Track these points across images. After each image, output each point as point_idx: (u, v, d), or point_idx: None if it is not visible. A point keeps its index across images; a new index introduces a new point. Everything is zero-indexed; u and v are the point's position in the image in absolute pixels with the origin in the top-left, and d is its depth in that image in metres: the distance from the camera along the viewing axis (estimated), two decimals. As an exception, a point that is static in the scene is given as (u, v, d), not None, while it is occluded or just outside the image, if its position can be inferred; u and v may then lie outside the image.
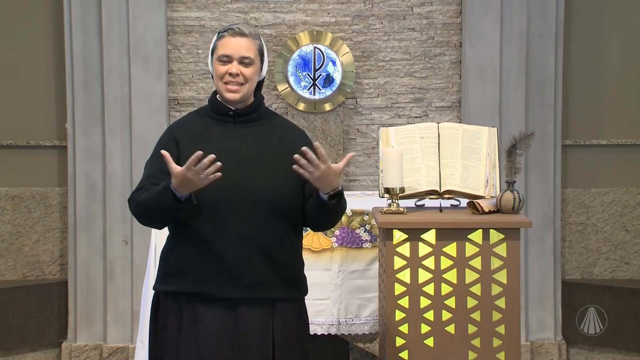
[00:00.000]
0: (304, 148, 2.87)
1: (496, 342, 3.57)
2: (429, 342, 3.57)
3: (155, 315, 3.07)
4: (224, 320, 2.96)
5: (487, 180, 3.74)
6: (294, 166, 2.88)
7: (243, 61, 3.02)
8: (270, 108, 3.26)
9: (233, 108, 3.06)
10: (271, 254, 2.98)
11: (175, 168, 2.84)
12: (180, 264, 2.99)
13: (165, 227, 3.07)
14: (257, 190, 2.96)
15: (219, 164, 2.82)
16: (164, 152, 2.88)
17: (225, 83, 3.03)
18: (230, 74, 3.01)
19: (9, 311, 5.32)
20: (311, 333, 4.04)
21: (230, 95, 3.02)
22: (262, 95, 3.14)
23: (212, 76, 3.10)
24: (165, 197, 2.88)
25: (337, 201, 2.97)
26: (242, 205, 2.94)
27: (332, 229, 4.32)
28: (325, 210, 2.99)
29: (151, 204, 2.94)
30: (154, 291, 3.10)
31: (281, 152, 3.03)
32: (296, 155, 2.88)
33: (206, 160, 2.81)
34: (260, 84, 3.14)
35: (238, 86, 3.02)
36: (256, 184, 2.96)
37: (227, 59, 3.03)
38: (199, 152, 2.81)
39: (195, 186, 2.85)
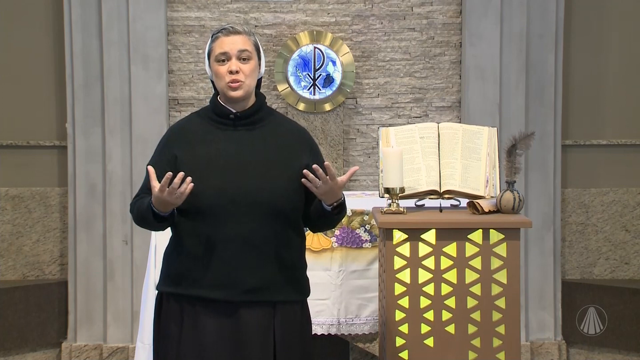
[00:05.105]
0: (316, 166, 2.90)
1: (496, 342, 3.57)
2: (429, 342, 3.57)
3: (158, 316, 3.08)
4: (224, 323, 2.96)
5: (487, 180, 3.74)
6: (302, 180, 2.91)
7: (241, 56, 3.02)
8: (271, 107, 3.25)
9: (234, 111, 3.05)
10: (272, 257, 2.98)
11: (155, 185, 2.87)
12: (181, 266, 3.00)
13: (165, 230, 3.09)
14: (257, 193, 2.95)
15: (189, 178, 2.84)
16: (149, 168, 2.92)
17: (227, 82, 3.02)
18: (231, 72, 3.01)
19: (9, 311, 5.32)
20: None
21: (233, 93, 3.01)
22: (263, 95, 3.13)
23: (212, 80, 3.10)
24: (148, 214, 2.94)
25: (339, 211, 3.04)
26: (243, 209, 2.94)
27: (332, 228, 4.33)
28: (328, 219, 3.06)
29: (140, 217, 3.01)
30: (157, 291, 3.10)
31: (283, 154, 3.03)
32: (305, 170, 2.91)
33: (177, 180, 2.83)
34: (259, 83, 3.14)
35: (240, 82, 3.01)
36: (256, 188, 2.96)
37: (225, 57, 3.02)
38: (169, 174, 2.83)
39: (172, 205, 2.89)
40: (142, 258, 5.16)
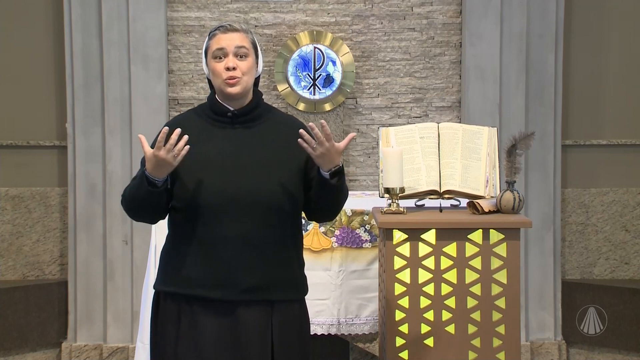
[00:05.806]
0: (311, 124, 2.90)
1: (496, 342, 3.57)
2: (429, 342, 3.57)
3: (155, 315, 3.07)
4: (222, 323, 2.95)
5: (487, 180, 3.74)
6: (299, 140, 2.89)
7: (238, 52, 3.01)
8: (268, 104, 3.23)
9: (232, 109, 3.04)
10: (270, 256, 2.97)
11: (148, 150, 2.86)
12: (179, 265, 2.98)
13: (156, 221, 3.07)
14: (255, 192, 2.94)
15: (186, 137, 2.85)
16: (140, 135, 2.91)
17: (225, 79, 3.01)
18: (228, 69, 3.00)
19: (9, 311, 5.32)
20: (311, 333, 4.05)
21: (231, 89, 3.00)
22: (260, 92, 3.12)
23: (209, 79, 3.09)
24: (142, 185, 2.90)
25: (339, 179, 2.97)
26: (241, 208, 2.93)
27: (332, 229, 4.32)
28: (328, 191, 2.99)
29: (132, 196, 2.97)
30: (154, 290, 3.10)
31: (282, 152, 3.02)
32: (301, 130, 2.90)
33: (174, 135, 2.83)
34: (257, 81, 3.13)
35: (237, 79, 3.01)
36: (254, 186, 2.95)
37: (222, 54, 3.01)
38: (166, 128, 2.85)
39: (170, 165, 2.86)
40: (142, 258, 5.16)
